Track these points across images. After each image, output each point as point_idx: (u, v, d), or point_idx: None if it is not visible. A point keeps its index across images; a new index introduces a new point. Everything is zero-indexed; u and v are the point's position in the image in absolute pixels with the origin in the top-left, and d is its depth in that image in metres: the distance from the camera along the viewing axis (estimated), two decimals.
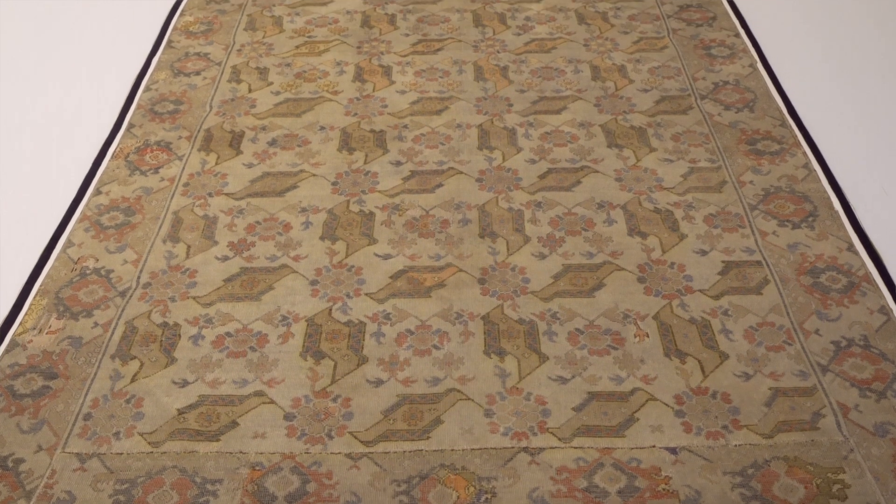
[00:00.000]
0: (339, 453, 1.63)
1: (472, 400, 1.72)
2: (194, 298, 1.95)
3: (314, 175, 2.29)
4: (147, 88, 2.64)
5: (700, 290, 1.94)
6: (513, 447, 1.63)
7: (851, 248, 2.03)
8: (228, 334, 1.87)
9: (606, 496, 1.55)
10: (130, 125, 2.48)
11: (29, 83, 2.68)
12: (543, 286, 1.96)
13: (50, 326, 1.88)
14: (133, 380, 1.77)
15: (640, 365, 1.78)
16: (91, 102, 2.60)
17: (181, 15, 3.01)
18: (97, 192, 2.24)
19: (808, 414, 1.68)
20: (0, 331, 1.87)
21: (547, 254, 2.04)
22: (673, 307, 1.90)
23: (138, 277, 2.00)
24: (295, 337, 1.86)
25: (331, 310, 1.92)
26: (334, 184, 2.26)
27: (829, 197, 2.17)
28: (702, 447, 1.63)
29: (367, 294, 1.95)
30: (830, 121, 2.44)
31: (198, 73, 2.70)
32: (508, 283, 1.97)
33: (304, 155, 2.36)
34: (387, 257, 2.05)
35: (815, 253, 2.02)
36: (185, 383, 1.77)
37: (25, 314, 1.91)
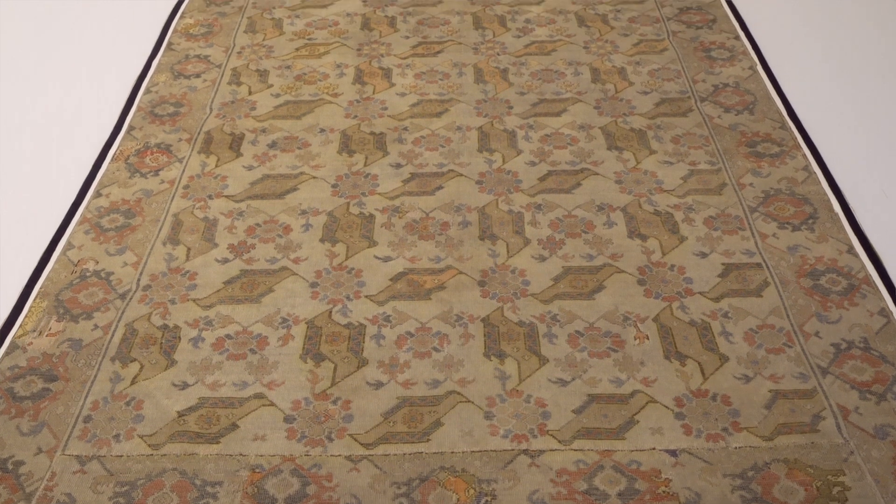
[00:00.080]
0: (339, 456, 1.63)
1: (472, 402, 1.72)
2: (194, 301, 1.95)
3: (314, 177, 2.29)
4: (147, 91, 2.64)
5: (700, 293, 1.94)
6: (513, 449, 1.63)
7: (851, 250, 2.03)
8: (228, 336, 1.87)
9: (606, 498, 1.55)
10: (130, 127, 2.48)
11: (29, 85, 2.68)
12: (543, 288, 1.96)
13: (50, 329, 1.88)
14: (133, 382, 1.77)
15: (640, 367, 1.78)
16: (91, 104, 2.60)
17: (181, 17, 3.01)
18: (97, 194, 2.25)
19: (809, 416, 1.68)
20: (0, 333, 1.87)
21: (547, 256, 2.04)
22: (673, 309, 1.90)
23: (138, 280, 2.00)
24: (295, 339, 1.86)
25: (331, 312, 1.92)
26: (334, 186, 2.26)
27: (829, 199, 2.17)
28: (702, 449, 1.63)
29: (367, 296, 1.95)
30: (830, 123, 2.44)
31: (198, 76, 2.71)
32: (508, 286, 1.97)
33: (304, 157, 2.36)
34: (387, 259, 2.05)
35: (815, 255, 2.02)
36: (185, 385, 1.77)
37: (25, 316, 1.91)
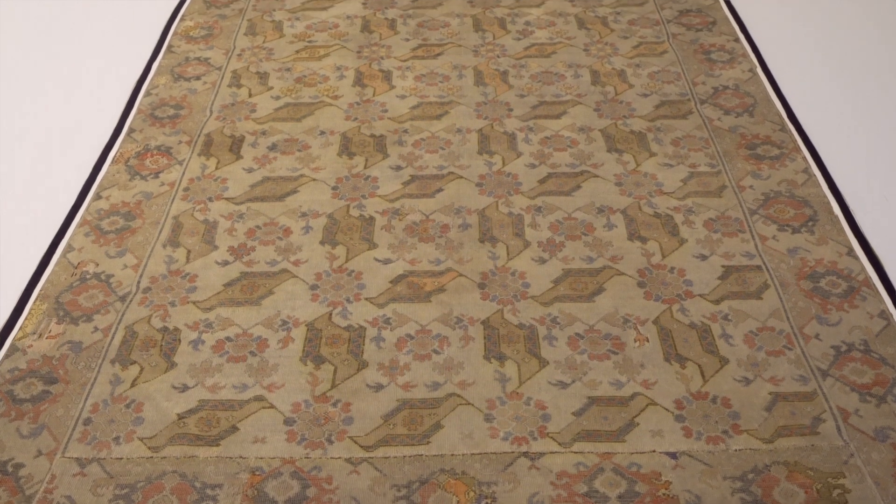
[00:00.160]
0: (339, 458, 1.63)
1: (472, 405, 1.72)
2: (194, 303, 1.95)
3: (314, 180, 2.29)
4: (147, 93, 2.64)
5: (700, 295, 1.94)
6: (513, 452, 1.63)
7: (851, 252, 2.03)
8: (228, 339, 1.87)
9: (607, 501, 1.55)
10: (131, 130, 2.49)
11: (29, 87, 2.69)
12: (543, 291, 1.96)
13: (50, 331, 1.88)
14: (133, 384, 1.77)
15: (640, 369, 1.78)
16: (91, 107, 2.60)
17: (181, 19, 3.01)
18: (97, 196, 2.25)
19: (809, 419, 1.68)
20: (0, 335, 1.87)
21: (547, 258, 2.04)
22: (673, 312, 1.90)
23: (138, 282, 2.00)
24: (295, 341, 1.86)
25: (331, 314, 1.92)
26: (334, 188, 2.26)
27: (828, 201, 2.17)
28: (702, 452, 1.63)
29: (367, 299, 1.95)
30: (830, 125, 2.44)
31: (198, 78, 2.71)
32: (508, 288, 1.97)
33: (305, 159, 2.36)
34: (387, 262, 2.05)
35: (815, 257, 2.02)
36: (185, 388, 1.77)
37: (25, 319, 1.91)
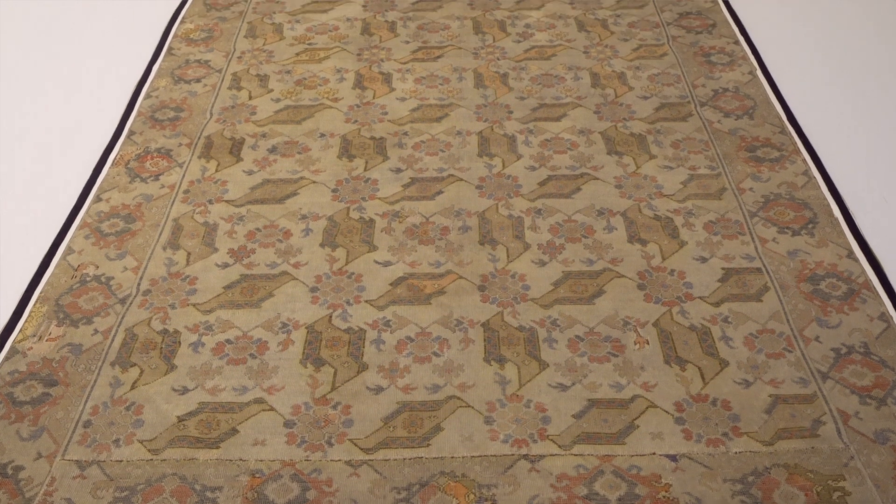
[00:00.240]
0: (339, 460, 1.63)
1: (472, 407, 1.72)
2: (194, 305, 1.95)
3: (314, 182, 2.29)
4: (147, 95, 2.64)
5: (700, 297, 1.94)
6: (513, 454, 1.63)
7: (851, 255, 2.03)
8: (228, 341, 1.87)
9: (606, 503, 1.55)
10: (131, 132, 2.49)
11: (29, 90, 2.69)
12: (543, 293, 1.96)
13: (50, 333, 1.88)
14: (133, 387, 1.77)
15: (640, 372, 1.78)
16: (91, 109, 2.60)
17: (182, 22, 3.01)
18: (97, 199, 2.25)
19: (809, 421, 1.68)
20: (0, 338, 1.87)
21: (547, 261, 2.04)
22: (673, 314, 1.90)
23: (138, 284, 2.00)
24: (295, 344, 1.86)
25: (331, 317, 1.92)
26: (334, 191, 2.26)
27: (828, 204, 2.17)
28: (702, 454, 1.63)
29: (367, 301, 1.95)
30: (830, 128, 2.44)
31: (198, 81, 2.71)
32: (508, 290, 1.97)
33: (305, 162, 2.36)
34: (387, 264, 2.05)
35: (815, 260, 2.02)
36: (184, 390, 1.77)
37: (25, 321, 1.91)
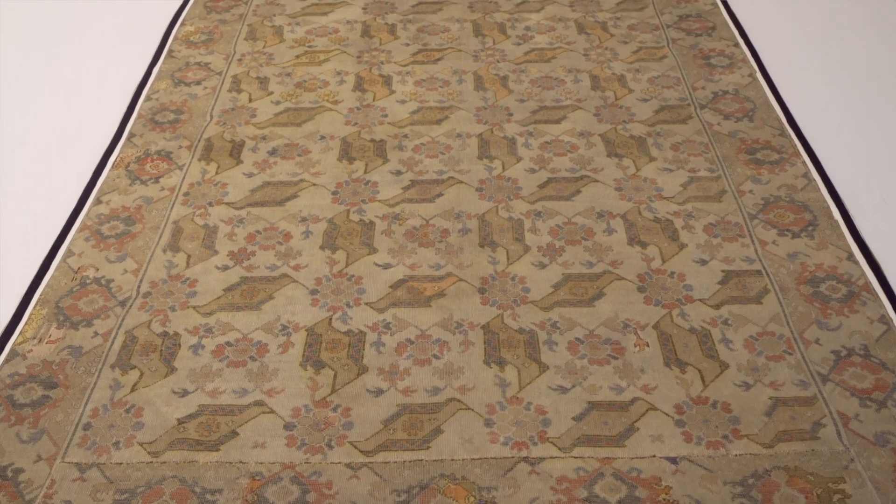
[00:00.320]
0: (339, 463, 1.63)
1: (472, 409, 1.72)
2: (194, 308, 1.95)
3: (314, 184, 2.29)
4: (148, 98, 2.64)
5: (700, 300, 1.94)
6: (513, 457, 1.63)
7: (851, 257, 2.03)
8: (228, 344, 1.87)
9: None
10: (131, 135, 2.49)
11: (30, 92, 2.69)
12: (543, 295, 1.96)
13: (50, 336, 1.88)
14: (133, 389, 1.77)
15: (640, 374, 1.78)
16: (91, 112, 2.60)
17: (182, 25, 3.02)
18: (97, 201, 2.25)
19: (809, 423, 1.68)
20: (0, 340, 1.87)
21: (547, 263, 2.04)
22: (673, 316, 1.90)
23: (138, 287, 2.00)
24: (295, 346, 1.86)
25: (331, 319, 1.92)
26: (334, 193, 2.26)
27: (828, 206, 2.17)
28: (702, 457, 1.63)
29: (367, 303, 1.95)
30: (830, 130, 2.44)
31: (198, 83, 2.71)
32: (508, 293, 1.97)
33: (305, 164, 2.36)
34: (387, 267, 2.05)
35: (815, 262, 2.02)
36: (184, 393, 1.77)
37: (25, 324, 1.91)
